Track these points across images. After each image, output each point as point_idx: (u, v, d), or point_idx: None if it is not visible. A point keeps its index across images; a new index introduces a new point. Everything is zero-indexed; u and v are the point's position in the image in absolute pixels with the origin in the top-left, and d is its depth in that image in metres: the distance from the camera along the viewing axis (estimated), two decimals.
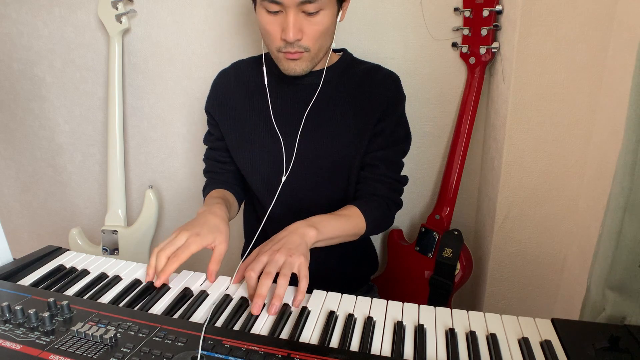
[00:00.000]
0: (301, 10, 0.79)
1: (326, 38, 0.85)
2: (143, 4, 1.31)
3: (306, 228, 0.76)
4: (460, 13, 1.06)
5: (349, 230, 0.86)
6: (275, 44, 0.83)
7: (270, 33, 0.82)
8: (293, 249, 0.70)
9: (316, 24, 0.80)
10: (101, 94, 1.47)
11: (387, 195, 0.94)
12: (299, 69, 0.85)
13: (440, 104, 1.17)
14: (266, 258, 0.69)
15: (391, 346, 0.58)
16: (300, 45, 0.82)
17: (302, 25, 0.80)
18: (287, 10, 0.78)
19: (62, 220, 1.71)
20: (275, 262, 0.67)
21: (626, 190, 0.62)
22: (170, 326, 0.57)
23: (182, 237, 0.74)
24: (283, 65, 0.86)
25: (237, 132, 0.97)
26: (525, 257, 1.08)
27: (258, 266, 0.68)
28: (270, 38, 0.83)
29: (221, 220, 0.81)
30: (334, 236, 0.82)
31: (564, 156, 0.97)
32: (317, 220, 0.80)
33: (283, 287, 0.65)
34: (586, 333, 0.59)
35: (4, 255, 0.75)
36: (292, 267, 0.68)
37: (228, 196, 0.98)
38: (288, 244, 0.71)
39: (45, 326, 0.57)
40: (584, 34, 0.88)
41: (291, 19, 0.78)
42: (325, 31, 0.82)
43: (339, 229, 0.83)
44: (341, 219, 0.85)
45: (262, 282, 0.65)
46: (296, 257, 0.69)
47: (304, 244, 0.73)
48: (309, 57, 0.84)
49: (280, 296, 0.64)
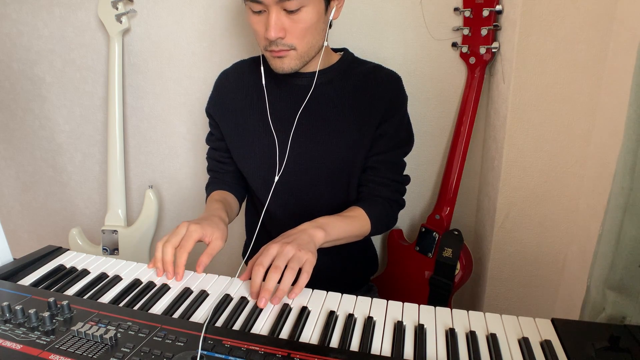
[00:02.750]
0: (282, 8, 0.79)
1: (314, 36, 0.84)
2: (143, 4, 1.31)
3: (314, 229, 0.77)
4: (460, 13, 1.06)
5: (355, 231, 0.87)
6: (262, 43, 0.84)
7: (257, 32, 0.84)
8: (303, 245, 0.71)
9: (298, 22, 0.80)
10: (101, 94, 1.47)
11: (390, 196, 0.94)
12: (286, 67, 0.85)
13: (440, 104, 1.17)
14: (275, 250, 0.69)
15: (391, 346, 0.58)
16: (284, 43, 0.82)
17: (284, 23, 0.80)
18: (269, 9, 0.79)
19: (62, 220, 1.71)
20: (285, 255, 0.68)
21: (626, 190, 0.62)
22: (170, 326, 0.58)
23: (182, 227, 0.75)
24: (272, 63, 0.87)
25: (236, 132, 0.97)
26: (525, 257, 1.08)
27: (267, 259, 0.68)
28: (258, 37, 0.84)
29: (220, 221, 0.83)
30: (341, 237, 0.83)
31: (564, 156, 0.97)
32: (325, 221, 0.81)
33: (288, 280, 0.66)
34: (586, 333, 0.59)
35: (4, 255, 0.75)
36: (300, 261, 0.69)
37: (229, 198, 0.99)
38: (298, 240, 0.72)
39: (45, 326, 0.57)
40: (584, 34, 0.88)
41: (272, 18, 0.79)
42: (310, 29, 0.82)
43: (345, 230, 0.84)
44: (347, 220, 0.86)
45: (269, 276, 0.66)
46: (305, 252, 0.70)
47: (313, 243, 0.75)
48: (296, 55, 0.84)
49: (284, 290, 0.66)
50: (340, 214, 0.88)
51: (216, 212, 0.87)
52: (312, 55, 0.87)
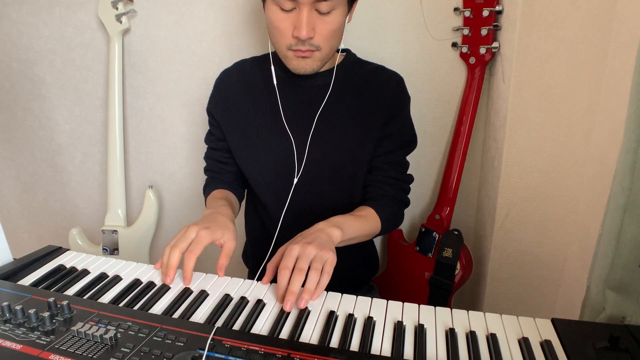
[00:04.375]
0: (314, 9, 0.79)
1: (337, 38, 0.85)
2: (143, 4, 1.31)
3: (331, 228, 0.77)
4: (460, 13, 1.06)
5: (368, 230, 0.87)
6: (286, 42, 0.82)
7: (281, 30, 0.82)
8: (323, 244, 0.71)
9: (328, 23, 0.81)
10: (101, 94, 1.47)
11: (396, 195, 0.95)
12: (309, 68, 0.85)
13: (441, 104, 1.17)
14: (297, 251, 0.69)
15: (391, 346, 0.58)
16: (311, 43, 0.81)
17: (315, 23, 0.80)
18: (301, 7, 0.78)
19: (62, 220, 1.71)
20: (307, 255, 0.68)
21: (626, 190, 0.62)
22: (170, 326, 0.57)
23: (192, 231, 0.74)
24: (292, 63, 0.85)
25: (241, 133, 0.96)
26: (525, 257, 1.08)
27: (291, 261, 0.68)
28: (281, 36, 0.82)
29: (229, 219, 0.82)
30: (355, 236, 0.83)
31: (564, 156, 0.97)
32: (340, 220, 0.81)
33: (314, 281, 0.66)
34: (586, 333, 0.59)
35: (4, 255, 0.75)
36: (322, 260, 0.68)
37: (230, 197, 0.97)
38: (318, 239, 0.72)
39: (45, 326, 0.57)
40: (584, 34, 0.88)
41: (304, 17, 0.78)
42: (336, 31, 0.82)
43: (359, 229, 0.84)
44: (360, 220, 0.86)
45: (294, 279, 0.65)
46: (326, 252, 0.69)
47: (331, 242, 0.75)
48: (319, 57, 0.84)
49: (310, 290, 0.65)
50: (352, 213, 0.88)
51: (222, 209, 0.85)
52: (330, 57, 0.88)
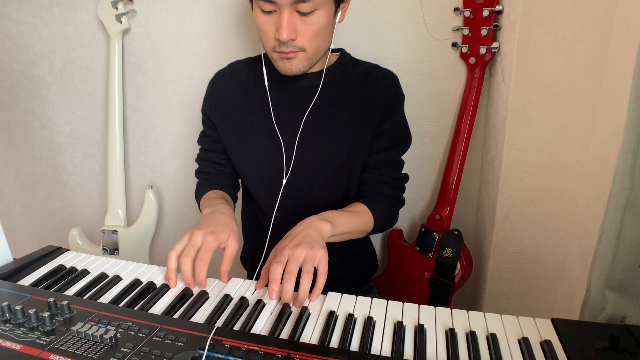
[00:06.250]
0: (295, 10, 0.78)
1: (323, 38, 0.84)
2: (143, 4, 1.31)
3: (321, 222, 0.76)
4: (460, 13, 1.06)
5: (360, 226, 0.86)
6: (270, 44, 0.83)
7: (265, 32, 0.82)
8: (313, 242, 0.70)
9: (311, 24, 0.80)
10: (101, 94, 1.47)
11: (391, 194, 0.94)
12: (295, 68, 0.84)
13: (440, 104, 1.17)
14: (285, 257, 0.68)
15: (391, 346, 0.58)
16: (295, 45, 0.81)
17: (297, 25, 0.79)
18: (281, 9, 0.78)
19: (62, 220, 1.71)
20: (297, 258, 0.67)
21: (626, 190, 0.62)
22: (170, 326, 0.57)
23: (198, 237, 0.72)
24: (279, 64, 0.85)
25: (235, 134, 0.96)
26: (525, 257, 1.08)
27: (278, 273, 0.66)
28: (265, 37, 0.83)
29: (231, 219, 0.81)
30: (346, 231, 0.82)
31: (564, 156, 0.97)
32: (330, 214, 0.80)
33: (306, 287, 0.65)
34: (586, 333, 0.59)
35: (4, 255, 0.75)
36: (313, 261, 0.68)
37: (226, 197, 0.97)
38: (307, 237, 0.71)
39: (45, 326, 0.57)
40: (584, 34, 0.88)
41: (285, 19, 0.78)
42: (321, 31, 0.82)
43: (351, 225, 0.83)
44: (352, 215, 0.85)
45: (285, 286, 0.65)
46: (316, 250, 0.69)
47: (321, 237, 0.74)
48: (305, 57, 0.84)
49: (304, 295, 0.65)
50: (344, 209, 0.87)
51: (222, 207, 0.84)
52: (319, 58, 0.87)
